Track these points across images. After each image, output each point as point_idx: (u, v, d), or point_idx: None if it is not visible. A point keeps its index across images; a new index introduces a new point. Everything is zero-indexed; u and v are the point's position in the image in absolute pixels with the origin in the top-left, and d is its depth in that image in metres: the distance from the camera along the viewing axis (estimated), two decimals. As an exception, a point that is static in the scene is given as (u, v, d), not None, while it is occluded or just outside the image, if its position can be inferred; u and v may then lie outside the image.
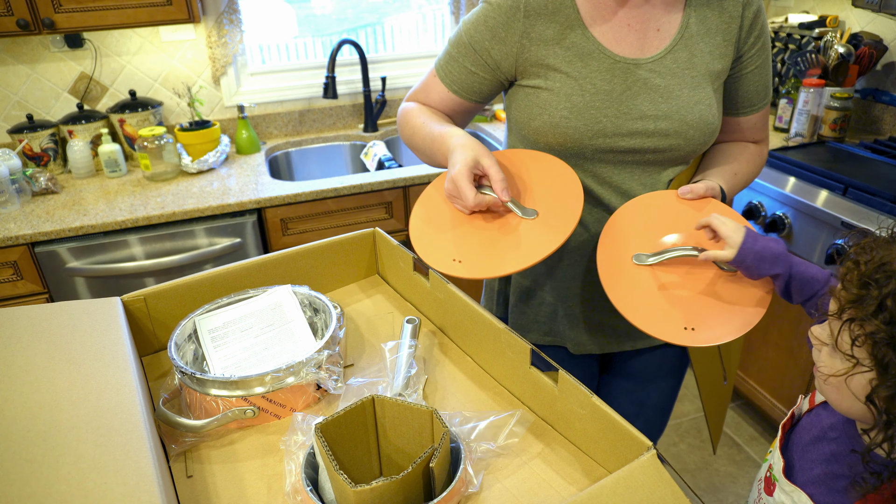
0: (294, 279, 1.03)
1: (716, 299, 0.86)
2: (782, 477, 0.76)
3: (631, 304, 0.86)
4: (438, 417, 0.68)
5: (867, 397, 0.60)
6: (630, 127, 0.94)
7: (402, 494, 0.62)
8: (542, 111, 0.96)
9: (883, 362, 0.58)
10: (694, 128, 0.95)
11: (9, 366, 0.72)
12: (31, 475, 0.57)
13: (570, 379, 0.71)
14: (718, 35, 0.96)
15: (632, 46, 0.95)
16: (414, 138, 1.06)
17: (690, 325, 0.83)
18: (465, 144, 0.91)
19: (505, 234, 0.90)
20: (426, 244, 0.92)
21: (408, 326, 0.89)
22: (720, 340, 0.82)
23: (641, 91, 0.94)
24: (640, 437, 0.64)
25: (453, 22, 2.50)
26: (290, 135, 2.43)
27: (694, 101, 0.95)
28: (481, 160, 0.90)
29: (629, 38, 0.95)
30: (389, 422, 0.72)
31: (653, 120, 0.94)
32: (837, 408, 0.68)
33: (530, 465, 0.72)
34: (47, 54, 2.06)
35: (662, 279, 0.88)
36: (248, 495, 0.70)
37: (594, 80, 0.94)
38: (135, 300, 0.91)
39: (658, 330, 0.83)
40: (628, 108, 0.94)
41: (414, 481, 0.63)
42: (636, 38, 0.95)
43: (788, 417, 0.83)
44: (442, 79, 1.04)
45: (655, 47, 0.95)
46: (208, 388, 0.78)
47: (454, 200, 0.94)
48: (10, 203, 1.83)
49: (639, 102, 0.94)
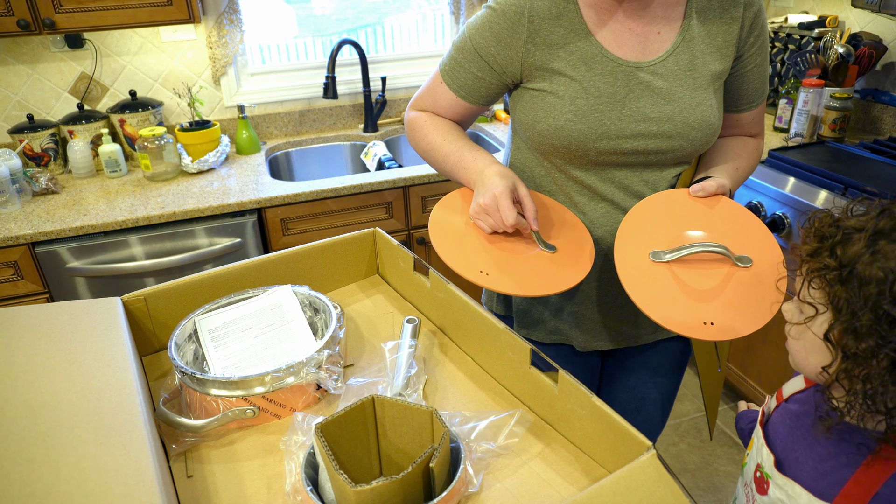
0: (294, 279, 1.03)
1: (732, 294, 0.88)
2: (775, 471, 0.76)
3: (652, 301, 0.88)
4: (438, 417, 0.68)
5: (825, 335, 0.66)
6: (633, 129, 0.96)
7: (402, 494, 0.63)
8: (547, 114, 0.97)
9: (836, 300, 0.65)
10: (696, 129, 0.97)
11: (9, 366, 0.72)
12: (31, 475, 0.57)
13: (570, 379, 0.71)
14: (719, 36, 0.98)
15: (634, 50, 0.96)
16: (433, 154, 1.08)
17: (710, 320, 0.85)
18: (503, 172, 0.96)
19: (525, 258, 0.95)
20: (451, 251, 0.95)
21: (408, 326, 0.89)
22: (739, 334, 0.84)
23: (644, 94, 0.96)
24: (639, 437, 0.64)
25: (453, 22, 2.51)
26: (290, 135, 2.44)
27: (695, 103, 0.96)
28: (519, 188, 0.95)
29: (631, 42, 0.96)
30: (389, 422, 0.72)
31: (655, 122, 0.96)
32: (802, 367, 0.73)
33: (530, 465, 0.72)
34: (48, 54, 2.06)
35: (681, 275, 0.90)
36: (248, 495, 0.70)
37: (597, 83, 0.95)
38: (135, 300, 0.91)
39: (680, 326, 0.85)
40: (631, 111, 0.96)
41: (414, 481, 0.63)
42: (638, 41, 0.96)
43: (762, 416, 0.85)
44: (449, 84, 1.05)
45: (657, 50, 0.97)
46: (208, 388, 0.79)
47: (482, 217, 0.96)
48: (10, 203, 1.84)
49: (641, 105, 0.96)
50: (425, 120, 1.09)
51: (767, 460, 0.78)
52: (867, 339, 0.62)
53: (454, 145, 1.04)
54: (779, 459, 0.77)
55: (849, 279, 0.63)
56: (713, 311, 0.86)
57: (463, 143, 1.04)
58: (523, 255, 0.95)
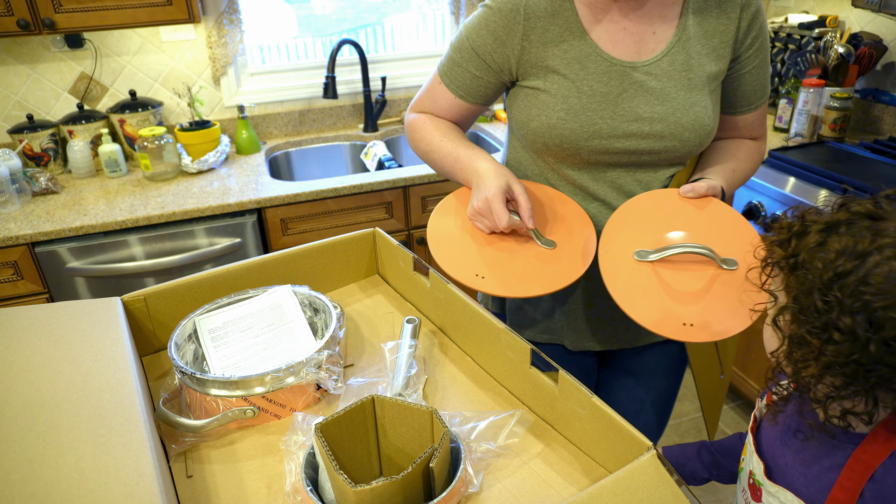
0: (294, 279, 1.03)
1: (716, 296, 0.87)
2: (765, 479, 0.76)
3: (631, 299, 0.87)
4: (438, 417, 0.68)
5: (773, 320, 0.69)
6: (625, 129, 0.96)
7: (402, 494, 0.62)
8: (540, 112, 0.98)
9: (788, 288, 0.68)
10: (689, 130, 0.96)
11: (9, 366, 0.72)
12: (31, 475, 0.57)
13: (570, 379, 0.71)
14: (716, 37, 0.97)
15: (628, 49, 0.96)
16: (431, 155, 1.08)
17: (689, 322, 0.84)
18: (498, 171, 0.95)
19: (523, 258, 0.94)
20: (447, 256, 0.95)
21: (408, 326, 0.89)
22: (718, 337, 0.83)
23: (637, 94, 0.95)
24: (640, 437, 0.64)
25: (453, 22, 2.50)
26: (290, 135, 2.43)
27: (689, 104, 0.96)
28: (513, 186, 0.94)
29: (626, 42, 0.96)
30: (389, 422, 0.72)
31: (648, 122, 0.96)
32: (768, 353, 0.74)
33: (530, 465, 0.72)
34: (47, 54, 2.06)
35: (664, 276, 0.89)
36: (248, 495, 0.70)
37: (591, 82, 0.95)
38: (135, 300, 0.91)
39: (658, 326, 0.84)
40: (624, 111, 0.95)
41: (414, 481, 0.63)
42: (633, 41, 0.96)
43: (753, 421, 0.84)
44: (447, 85, 1.05)
45: (651, 50, 0.96)
46: (208, 388, 0.79)
47: (478, 219, 0.96)
48: (10, 203, 1.83)
49: (634, 105, 0.95)
50: (424, 121, 1.09)
51: (758, 468, 0.78)
52: (804, 325, 0.65)
53: (452, 145, 1.04)
54: (768, 466, 0.77)
55: (796, 268, 0.67)
56: (694, 312, 0.85)
57: (460, 143, 1.04)
58: (521, 253, 0.95)
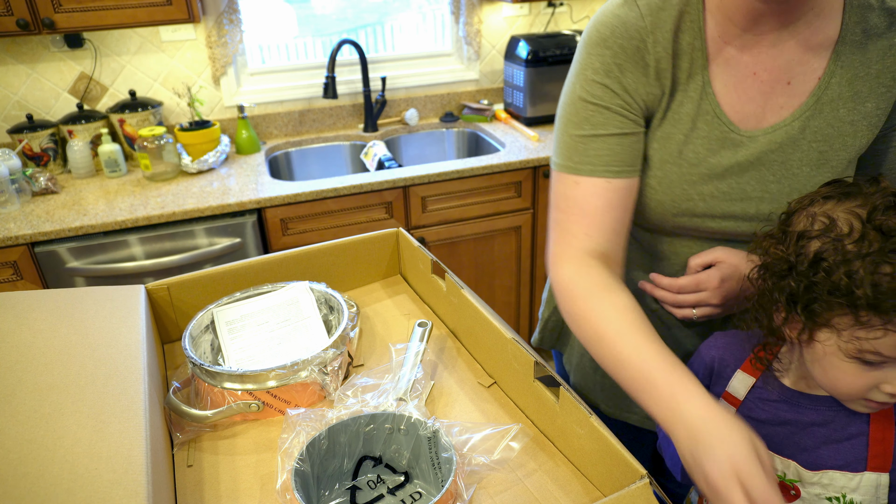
0: (316, 276, 1.04)
1: None
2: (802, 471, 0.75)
3: None
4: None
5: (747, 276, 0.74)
6: (726, 209, 0.79)
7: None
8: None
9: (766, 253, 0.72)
10: None
11: (28, 347, 0.74)
12: (28, 455, 0.59)
13: (571, 396, 0.70)
14: (870, 101, 0.75)
15: (754, 105, 0.77)
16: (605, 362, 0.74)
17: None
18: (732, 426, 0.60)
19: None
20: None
21: (418, 330, 0.88)
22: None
23: (751, 168, 0.78)
24: (634, 464, 0.62)
25: (453, 22, 2.50)
26: (290, 135, 2.43)
27: (814, 184, 0.76)
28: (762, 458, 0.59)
29: (751, 93, 0.77)
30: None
31: (755, 202, 0.78)
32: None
33: (525, 481, 0.71)
34: (47, 54, 2.06)
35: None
36: (242, 489, 0.70)
37: (697, 147, 0.78)
38: (159, 289, 0.93)
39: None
40: (729, 188, 0.78)
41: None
42: (759, 93, 0.77)
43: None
44: (590, 173, 0.79)
45: (781, 107, 0.77)
46: (216, 380, 0.79)
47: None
48: (9, 203, 1.83)
49: (744, 181, 0.78)
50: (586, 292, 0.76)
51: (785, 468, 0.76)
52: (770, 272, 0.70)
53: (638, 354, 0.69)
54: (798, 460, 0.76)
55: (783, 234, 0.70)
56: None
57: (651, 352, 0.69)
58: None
